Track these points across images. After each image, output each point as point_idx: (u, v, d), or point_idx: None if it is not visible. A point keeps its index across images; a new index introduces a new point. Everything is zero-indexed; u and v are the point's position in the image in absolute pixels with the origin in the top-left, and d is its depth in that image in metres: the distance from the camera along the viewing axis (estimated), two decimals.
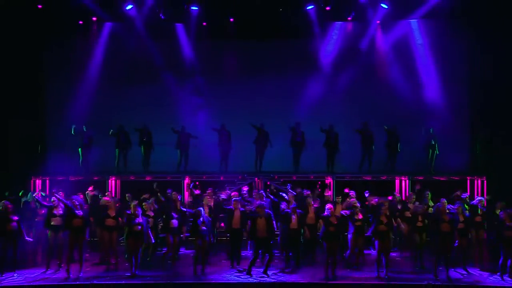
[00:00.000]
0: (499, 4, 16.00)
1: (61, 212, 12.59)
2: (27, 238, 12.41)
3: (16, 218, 12.25)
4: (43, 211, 13.29)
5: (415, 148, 17.31)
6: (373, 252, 13.43)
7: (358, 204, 12.88)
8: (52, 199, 13.01)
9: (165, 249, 13.04)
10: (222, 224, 14.01)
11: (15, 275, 12.13)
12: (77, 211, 12.14)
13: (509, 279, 11.93)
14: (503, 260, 12.05)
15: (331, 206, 12.50)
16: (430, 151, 17.00)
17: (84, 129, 16.91)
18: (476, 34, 17.38)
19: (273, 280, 11.99)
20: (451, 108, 17.91)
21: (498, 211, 13.29)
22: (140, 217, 12.28)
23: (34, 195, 14.06)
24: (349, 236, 12.76)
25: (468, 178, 16.67)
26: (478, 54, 17.45)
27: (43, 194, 14.61)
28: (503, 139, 16.51)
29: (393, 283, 11.93)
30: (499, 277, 12.05)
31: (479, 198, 13.84)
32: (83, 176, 16.62)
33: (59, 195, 12.83)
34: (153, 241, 12.79)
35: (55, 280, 12.01)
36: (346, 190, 14.58)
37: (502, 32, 16.24)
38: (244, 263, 12.67)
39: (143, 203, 13.36)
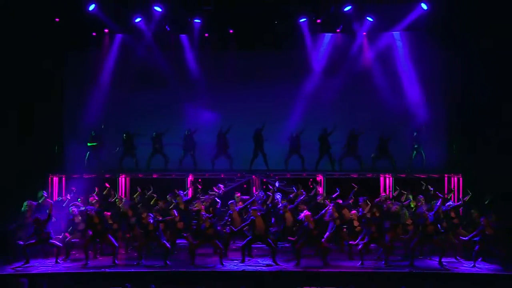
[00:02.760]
0: (470, 18, 16.27)
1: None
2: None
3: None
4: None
5: (398, 148, 17.39)
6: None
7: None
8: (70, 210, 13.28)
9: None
10: None
11: (59, 261, 12.64)
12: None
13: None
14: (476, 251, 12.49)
15: (308, 213, 12.80)
16: (415, 152, 17.17)
17: (93, 134, 17.07)
18: (452, 44, 17.58)
19: (269, 269, 12.32)
20: (430, 112, 18.02)
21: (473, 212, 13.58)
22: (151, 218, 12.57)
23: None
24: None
25: (446, 175, 16.87)
26: (454, 63, 17.69)
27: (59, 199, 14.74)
28: (477, 140, 16.70)
29: (378, 271, 12.19)
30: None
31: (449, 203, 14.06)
32: (95, 174, 16.77)
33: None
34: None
35: (72, 268, 12.33)
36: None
37: (474, 43, 16.50)
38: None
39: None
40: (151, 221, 12.55)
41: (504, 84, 15.80)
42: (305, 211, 13.00)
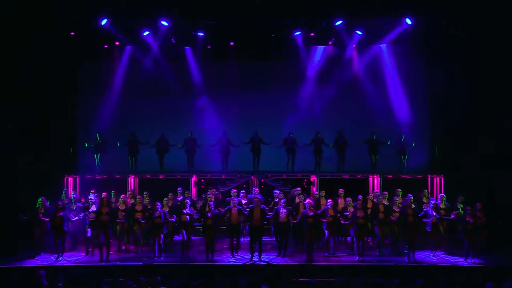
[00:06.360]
0: (450, 32, 16.50)
1: (94, 209, 13.02)
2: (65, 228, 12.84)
3: (62, 214, 12.67)
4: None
5: (385, 151, 17.57)
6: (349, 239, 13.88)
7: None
8: (89, 198, 13.36)
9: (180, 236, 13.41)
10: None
11: (72, 258, 12.82)
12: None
13: (469, 259, 12.55)
14: (467, 247, 12.59)
15: (311, 201, 12.94)
16: (402, 155, 17.37)
17: (98, 138, 17.21)
18: (433, 56, 17.83)
19: (264, 263, 12.47)
20: (414, 117, 18.27)
21: (459, 206, 13.69)
22: (159, 211, 12.64)
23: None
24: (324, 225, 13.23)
25: (429, 176, 17.07)
26: (436, 72, 17.86)
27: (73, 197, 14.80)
28: (457, 143, 16.86)
29: (366, 264, 12.32)
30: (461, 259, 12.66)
31: (441, 195, 14.22)
32: (106, 175, 16.93)
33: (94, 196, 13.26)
34: (166, 231, 13.09)
35: (88, 262, 12.57)
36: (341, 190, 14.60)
37: (453, 55, 16.72)
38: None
39: (164, 199, 13.65)
40: (159, 210, 12.68)
41: (483, 90, 15.95)
42: (308, 199, 13.15)
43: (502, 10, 14.71)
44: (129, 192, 15.62)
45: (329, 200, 13.56)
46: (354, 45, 18.13)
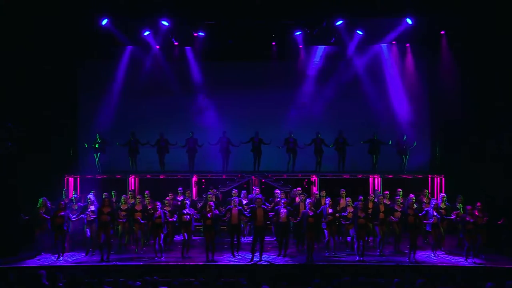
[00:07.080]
0: (450, 32, 16.55)
1: (94, 209, 12.99)
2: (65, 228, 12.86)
3: (63, 213, 12.68)
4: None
5: (386, 151, 17.56)
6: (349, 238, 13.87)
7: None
8: (88, 197, 13.35)
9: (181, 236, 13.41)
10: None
11: (72, 258, 12.85)
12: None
13: (469, 259, 12.51)
14: (467, 247, 12.56)
15: (311, 201, 12.94)
16: (402, 155, 17.38)
17: (98, 139, 17.23)
18: (433, 56, 17.85)
19: (265, 263, 12.46)
20: (415, 118, 18.29)
21: (459, 205, 13.69)
22: (159, 211, 12.65)
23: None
24: (324, 225, 13.21)
25: (430, 176, 17.09)
26: (435, 73, 17.90)
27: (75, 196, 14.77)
28: (457, 143, 16.85)
29: (367, 264, 12.30)
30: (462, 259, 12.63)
31: (442, 194, 14.23)
32: (107, 175, 16.95)
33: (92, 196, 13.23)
34: (166, 231, 13.09)
35: (88, 262, 12.56)
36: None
37: (453, 55, 16.74)
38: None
39: (165, 199, 13.66)
40: (159, 210, 12.67)
41: (483, 89, 15.95)
42: (308, 199, 13.16)
43: (502, 10, 14.70)
44: (129, 192, 15.64)
45: (327, 199, 13.58)
46: (354, 45, 18.02)
